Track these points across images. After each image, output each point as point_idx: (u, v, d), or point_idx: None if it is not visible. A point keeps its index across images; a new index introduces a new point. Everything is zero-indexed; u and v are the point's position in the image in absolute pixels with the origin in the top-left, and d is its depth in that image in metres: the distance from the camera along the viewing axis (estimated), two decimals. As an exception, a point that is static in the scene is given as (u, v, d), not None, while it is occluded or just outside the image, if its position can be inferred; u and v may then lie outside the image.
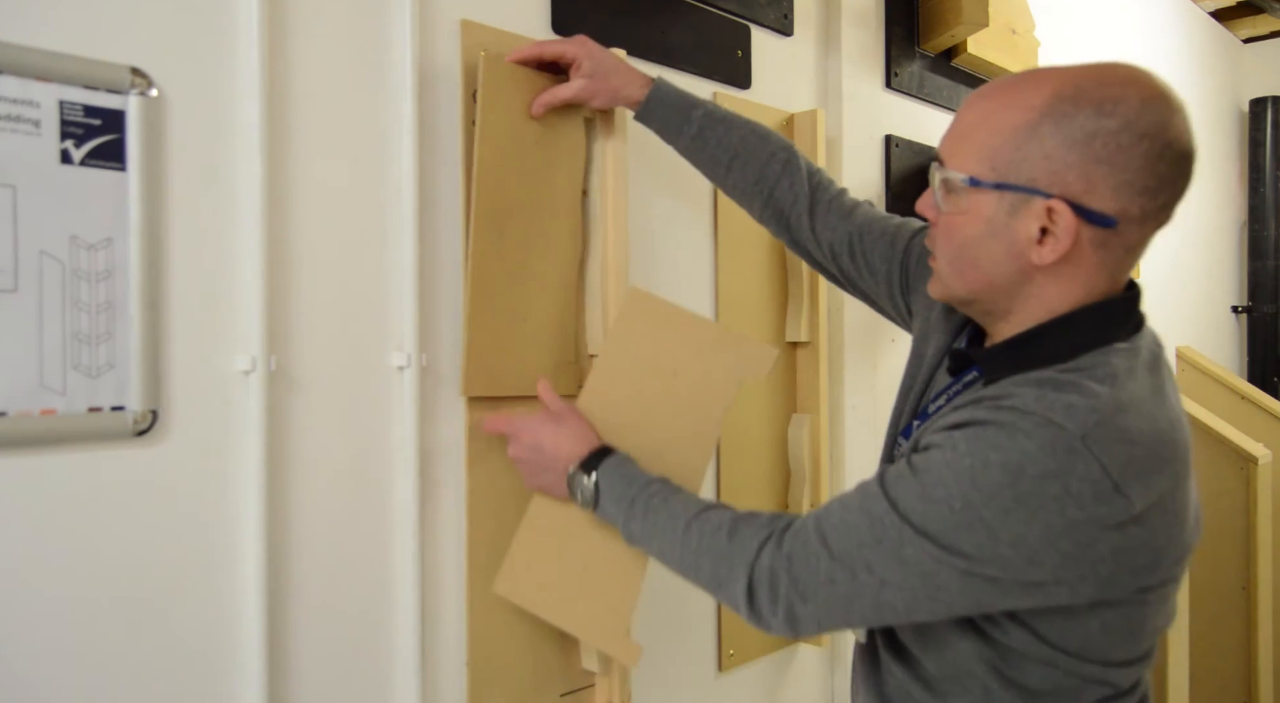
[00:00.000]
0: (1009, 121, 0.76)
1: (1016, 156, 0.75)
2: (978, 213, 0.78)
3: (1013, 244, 0.77)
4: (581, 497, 0.99)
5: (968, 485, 0.72)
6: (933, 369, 0.95)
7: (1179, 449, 0.76)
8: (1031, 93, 0.75)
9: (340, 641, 1.01)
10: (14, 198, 0.79)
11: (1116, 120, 0.73)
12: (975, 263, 0.80)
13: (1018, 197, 0.76)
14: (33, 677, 0.81)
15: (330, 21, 1.00)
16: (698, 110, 1.14)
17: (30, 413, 0.80)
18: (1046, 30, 2.15)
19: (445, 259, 1.10)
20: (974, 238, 0.79)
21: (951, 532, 0.72)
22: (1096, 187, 0.74)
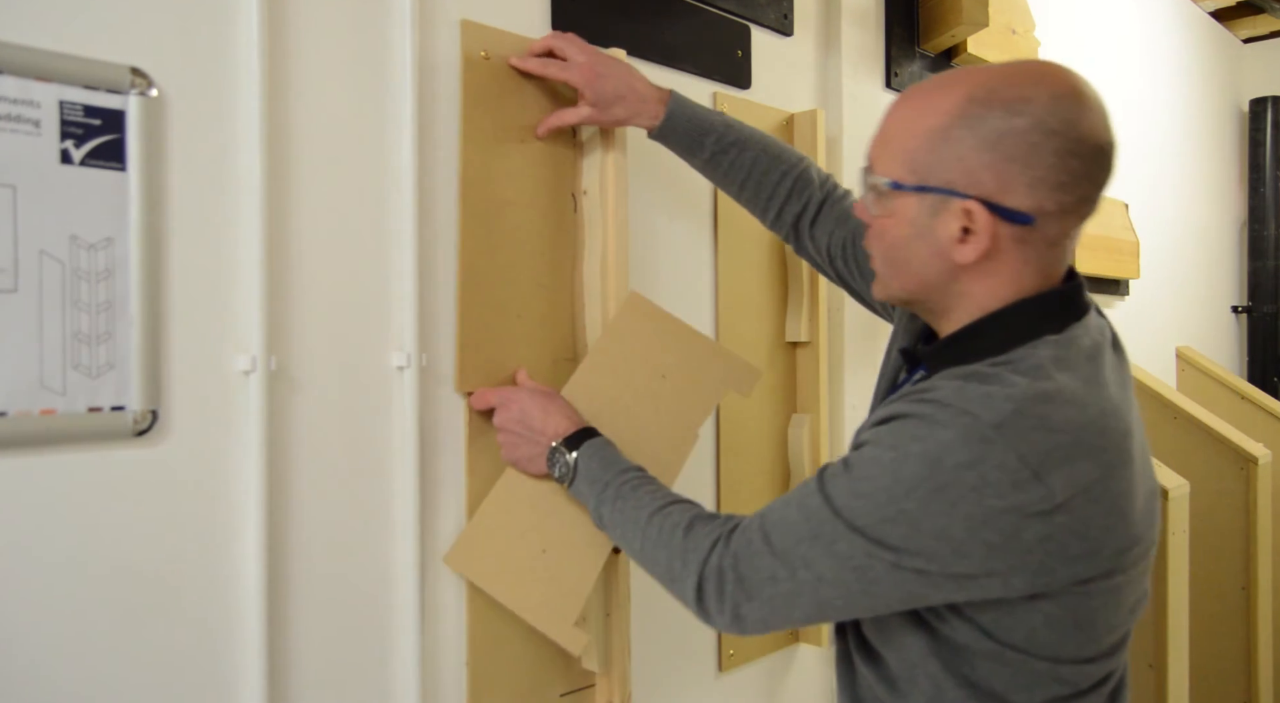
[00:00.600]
0: (924, 125, 0.78)
1: (932, 159, 0.77)
2: (903, 215, 0.81)
3: (936, 244, 0.79)
4: (559, 472, 1.02)
5: (890, 478, 0.74)
6: (896, 368, 0.98)
7: (1110, 437, 0.75)
8: (946, 96, 0.77)
9: (340, 640, 1.01)
10: (14, 198, 0.79)
11: (1026, 119, 0.74)
12: (906, 264, 0.82)
13: (937, 198, 0.78)
14: (33, 677, 0.81)
15: (330, 21, 1.00)
16: (710, 136, 1.15)
17: (30, 413, 0.80)
18: (1046, 30, 2.15)
19: (445, 259, 1.10)
20: (901, 239, 0.81)
21: (878, 525, 0.74)
22: (1011, 185, 0.75)
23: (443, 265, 1.10)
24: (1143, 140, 2.90)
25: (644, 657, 1.33)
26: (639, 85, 1.15)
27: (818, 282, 1.55)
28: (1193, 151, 3.21)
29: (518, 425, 1.05)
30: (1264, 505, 2.32)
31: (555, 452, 1.02)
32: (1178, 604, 1.86)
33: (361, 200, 1.03)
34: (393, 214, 1.05)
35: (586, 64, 1.12)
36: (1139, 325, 2.81)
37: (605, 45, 1.26)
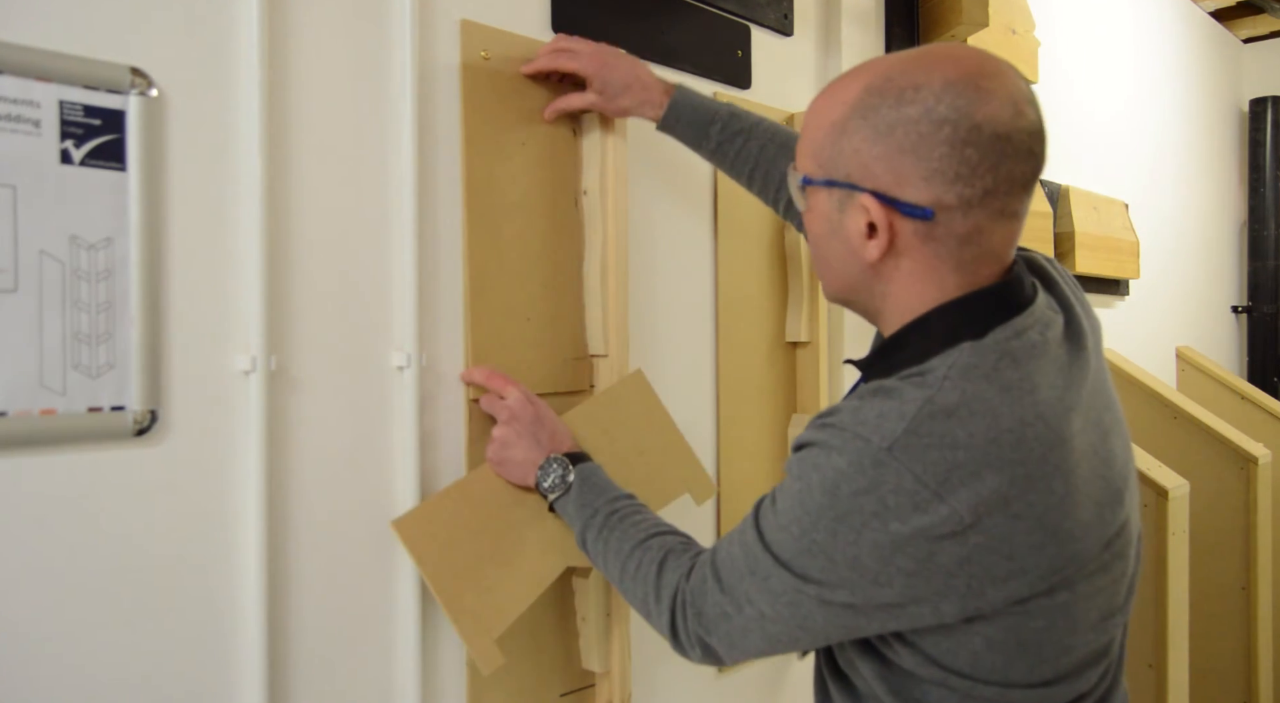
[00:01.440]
0: (829, 117, 0.75)
1: (833, 152, 0.75)
2: (818, 210, 0.78)
3: (848, 241, 0.76)
4: (549, 483, 1.00)
5: (800, 509, 0.72)
6: None
7: (1029, 448, 0.69)
8: (848, 87, 0.75)
9: (340, 640, 1.01)
10: (14, 198, 0.79)
11: (916, 108, 0.70)
12: (827, 262, 0.81)
13: (843, 193, 0.75)
14: (33, 677, 0.81)
15: (330, 22, 1.00)
16: (715, 126, 1.15)
17: (30, 413, 0.80)
18: (1046, 30, 2.15)
19: (445, 259, 1.10)
20: (820, 236, 0.80)
21: (798, 558, 0.72)
22: (906, 178, 0.71)
23: (443, 265, 1.10)
24: (1143, 140, 2.90)
25: (644, 657, 1.33)
26: (645, 76, 1.15)
27: (818, 281, 1.55)
28: (1193, 151, 3.21)
29: (528, 426, 1.03)
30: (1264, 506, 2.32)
31: (553, 464, 1.01)
32: (1177, 604, 1.86)
33: (361, 200, 1.03)
34: (393, 214, 1.05)
35: (594, 53, 1.13)
36: (1139, 325, 2.81)
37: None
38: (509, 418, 1.04)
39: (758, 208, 1.51)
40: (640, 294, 1.33)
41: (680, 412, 1.40)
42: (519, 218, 1.16)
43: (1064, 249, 2.25)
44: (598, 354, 1.22)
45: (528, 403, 1.05)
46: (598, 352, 1.22)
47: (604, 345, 1.21)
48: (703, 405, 1.44)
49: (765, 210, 1.53)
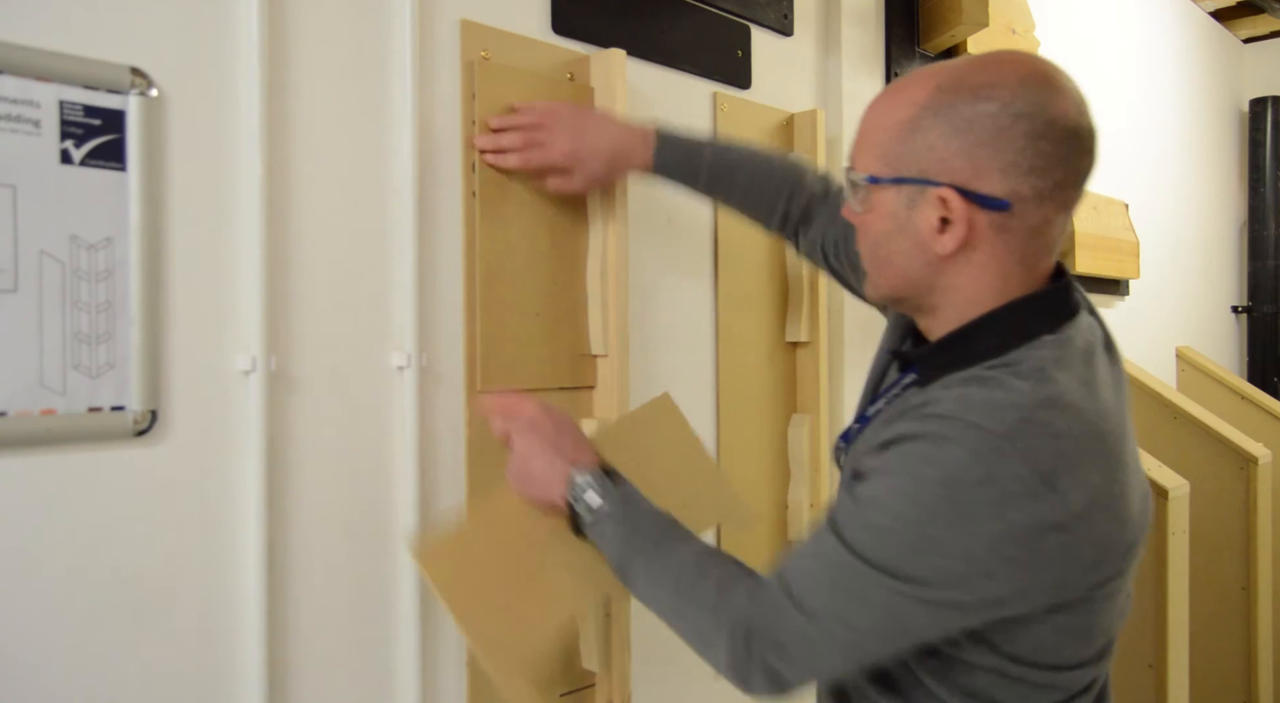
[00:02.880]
0: (895, 118, 0.78)
1: (904, 150, 0.77)
2: (883, 209, 0.80)
3: (917, 236, 0.78)
4: (581, 505, 0.89)
5: (907, 505, 0.71)
6: (883, 368, 0.95)
7: (1109, 442, 0.74)
8: (916, 88, 0.77)
9: (340, 641, 1.01)
10: (14, 198, 0.79)
11: (994, 104, 0.73)
12: (889, 259, 0.81)
13: (913, 189, 0.77)
14: (33, 677, 0.81)
15: (330, 21, 1.00)
16: (702, 162, 1.14)
17: (30, 413, 0.80)
18: (1046, 30, 2.15)
19: (445, 259, 1.10)
20: (884, 234, 0.81)
21: (902, 558, 0.71)
22: (983, 170, 0.74)
23: (443, 265, 1.10)
24: (1143, 140, 2.90)
25: (644, 657, 1.33)
26: (621, 138, 1.12)
27: (818, 282, 1.55)
28: (1193, 151, 3.21)
29: (550, 437, 0.92)
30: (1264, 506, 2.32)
31: (585, 482, 0.89)
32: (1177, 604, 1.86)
33: (361, 200, 1.03)
34: (393, 214, 1.05)
35: (568, 150, 1.10)
36: (1139, 325, 2.81)
37: (605, 45, 1.26)
38: (528, 428, 0.93)
39: (758, 208, 1.51)
40: (640, 294, 1.33)
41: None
42: (528, 214, 1.16)
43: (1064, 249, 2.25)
44: (598, 354, 1.23)
45: (546, 413, 0.94)
46: (598, 351, 1.22)
47: (604, 345, 1.22)
48: (703, 405, 1.44)
49: (765, 210, 1.53)
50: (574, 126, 1.11)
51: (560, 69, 1.21)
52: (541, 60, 1.19)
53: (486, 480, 1.13)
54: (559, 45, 1.23)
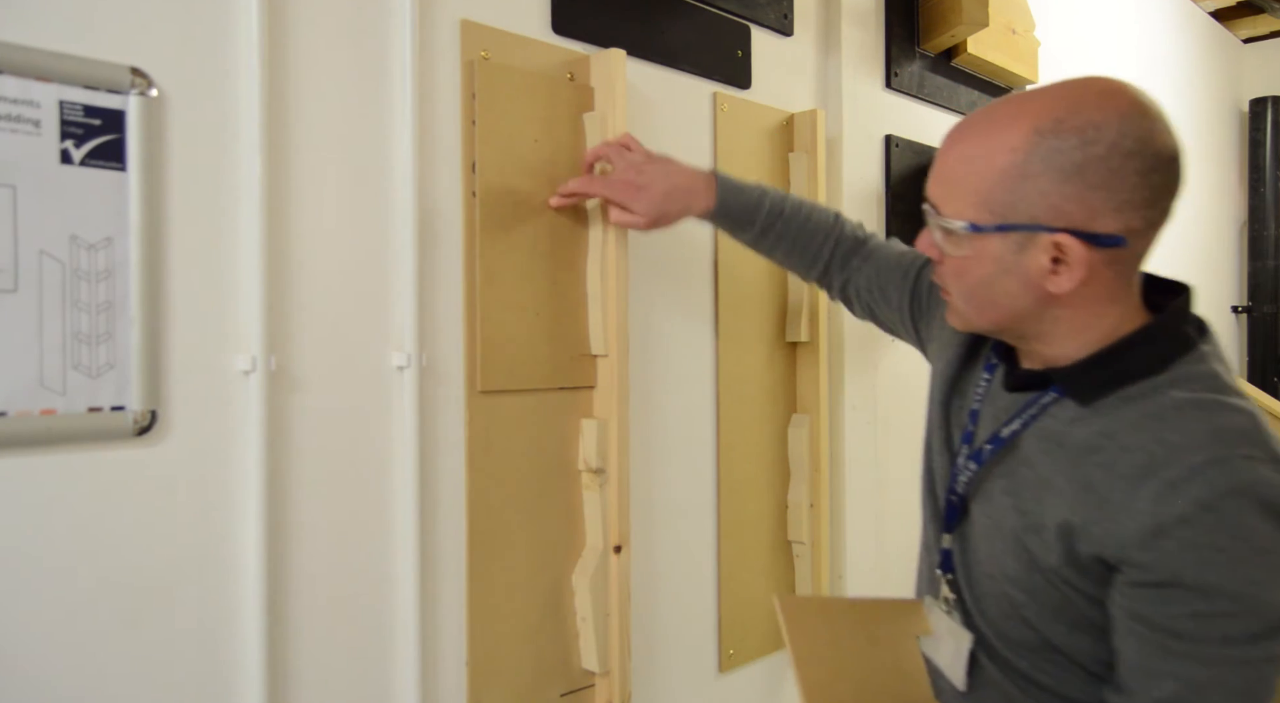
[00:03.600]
0: (995, 165, 0.76)
1: (1012, 199, 0.75)
2: (985, 254, 0.78)
3: (1026, 278, 0.77)
4: None
5: (1251, 554, 0.69)
6: (949, 382, 0.94)
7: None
8: (1010, 131, 0.76)
9: (340, 640, 1.01)
10: (14, 198, 0.79)
11: (1102, 146, 0.73)
12: (992, 301, 0.80)
13: (1023, 235, 0.76)
14: (33, 676, 0.81)
15: (330, 21, 1.00)
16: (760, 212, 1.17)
17: (30, 413, 0.80)
18: (1046, 30, 2.15)
19: (445, 259, 1.10)
20: (986, 277, 0.79)
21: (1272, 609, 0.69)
22: (1098, 212, 0.74)
23: (443, 265, 1.10)
24: (1143, 140, 2.89)
25: (644, 657, 1.33)
26: (681, 180, 1.15)
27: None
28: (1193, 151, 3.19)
29: None
30: (1264, 505, 2.32)
31: None
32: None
33: (361, 200, 1.03)
34: (393, 214, 1.05)
35: (626, 181, 1.14)
36: (1139, 325, 2.80)
37: (605, 45, 1.26)
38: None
39: (758, 208, 1.51)
40: (640, 294, 1.33)
41: (680, 412, 1.40)
42: (529, 213, 1.16)
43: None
44: (598, 354, 1.23)
45: None
46: (598, 351, 1.22)
47: (604, 345, 1.22)
48: (703, 405, 1.44)
49: (765, 210, 1.53)
50: (640, 170, 1.15)
51: (560, 69, 1.21)
52: (541, 60, 1.19)
53: (487, 480, 1.13)
54: (559, 45, 1.23)
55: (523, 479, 1.16)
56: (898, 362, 1.78)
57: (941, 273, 0.84)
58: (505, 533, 1.14)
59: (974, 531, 0.85)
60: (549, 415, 1.19)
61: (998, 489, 0.83)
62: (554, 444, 1.20)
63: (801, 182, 1.55)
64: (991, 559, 0.83)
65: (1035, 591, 0.79)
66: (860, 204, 1.69)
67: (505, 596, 1.14)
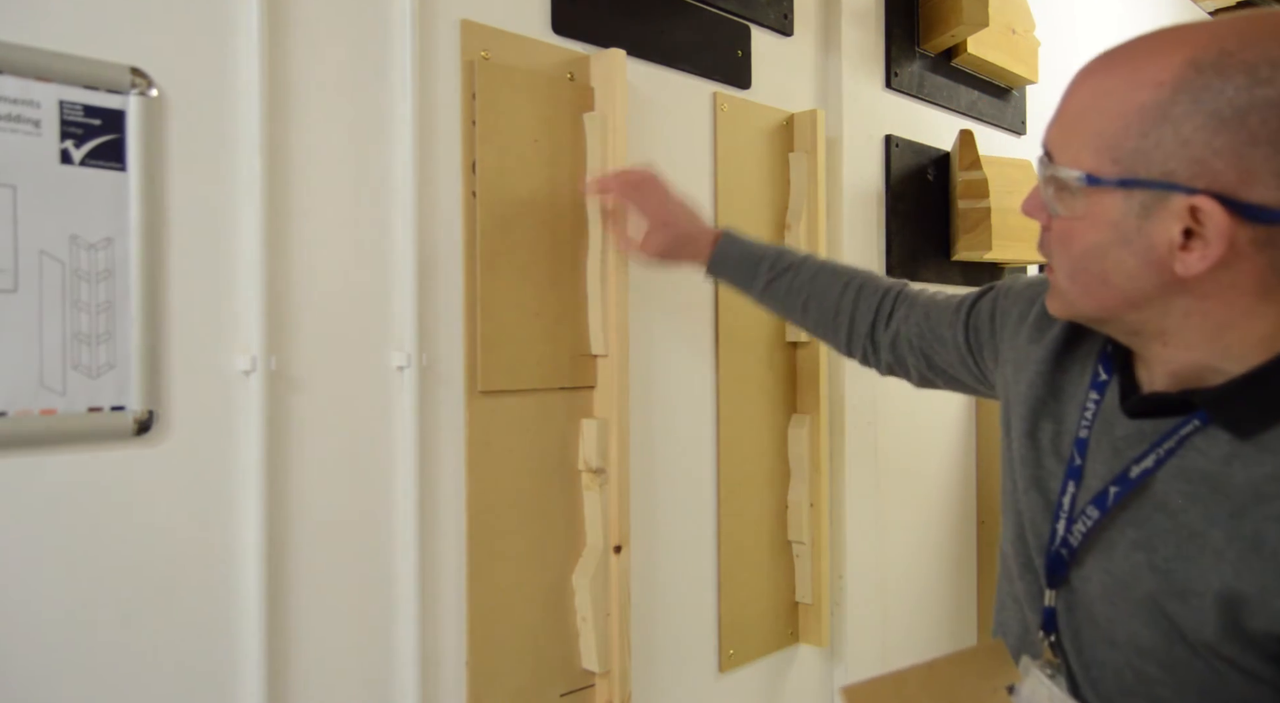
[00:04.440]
0: (1131, 101, 0.61)
1: (1145, 145, 0.61)
2: (1100, 216, 0.64)
3: (1149, 253, 0.62)
4: None
5: None
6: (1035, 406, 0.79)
7: None
8: (1159, 62, 0.61)
9: (340, 641, 1.01)
10: (14, 198, 0.79)
11: (1276, 89, 0.57)
12: (1103, 277, 0.66)
13: (1150, 194, 0.61)
14: (32, 677, 0.81)
15: (330, 21, 1.00)
16: (764, 263, 1.14)
17: (30, 413, 0.80)
18: (1046, 30, 2.15)
19: (445, 259, 1.10)
20: (1098, 246, 0.65)
21: None
22: (1255, 174, 0.58)
23: (443, 265, 1.10)
24: (1143, 140, 2.89)
25: (644, 657, 1.33)
26: (699, 235, 1.16)
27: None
28: (1193, 151, 3.21)
29: None
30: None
31: None
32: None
33: (361, 200, 1.03)
34: (393, 214, 1.05)
35: (661, 209, 1.15)
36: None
37: (605, 45, 1.26)
38: None
39: (757, 209, 1.51)
40: (640, 294, 1.33)
41: (680, 412, 1.40)
42: (529, 213, 1.17)
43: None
44: (598, 354, 1.23)
45: None
46: (598, 351, 1.22)
47: (604, 345, 1.22)
48: (703, 405, 1.44)
49: (765, 211, 1.53)
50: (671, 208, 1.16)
51: (560, 69, 1.21)
52: (541, 60, 1.19)
53: (487, 480, 1.13)
54: (559, 45, 1.23)
55: (523, 479, 1.16)
56: (898, 362, 1.78)
57: (1045, 241, 0.70)
58: (505, 533, 1.14)
59: (1089, 588, 0.71)
60: (549, 415, 1.19)
61: (1124, 541, 0.68)
62: (554, 444, 1.20)
63: (801, 182, 1.55)
64: (1115, 625, 0.69)
65: (1176, 666, 0.65)
66: (860, 204, 1.69)
67: (505, 596, 1.14)
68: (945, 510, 1.96)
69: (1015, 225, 1.86)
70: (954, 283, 1.92)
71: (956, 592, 2.00)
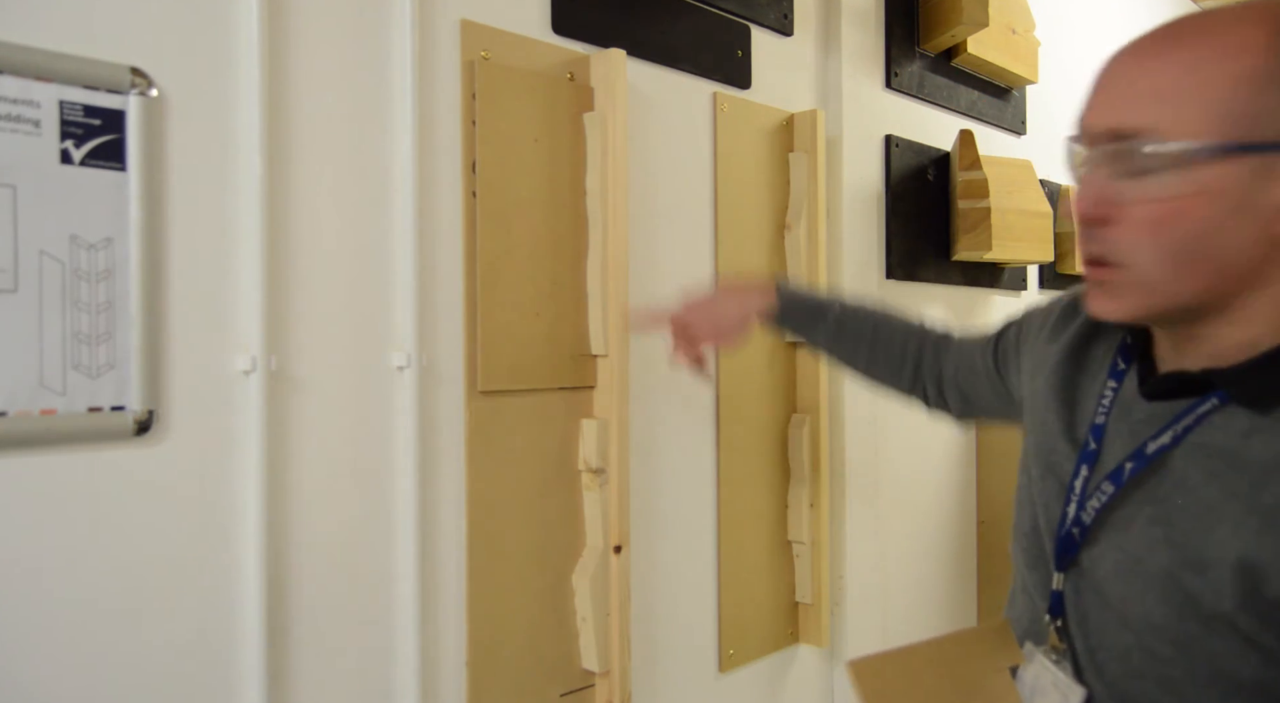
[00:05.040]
0: (1233, 68, 0.61)
1: (1256, 107, 0.60)
2: (1211, 188, 0.62)
3: (1265, 217, 0.62)
4: None
5: None
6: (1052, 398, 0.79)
7: None
8: (1244, 32, 0.61)
9: (340, 640, 1.01)
10: (14, 198, 0.79)
11: None
12: (1208, 254, 0.63)
13: (1264, 159, 0.61)
14: (33, 676, 0.81)
15: (330, 22, 1.01)
16: (832, 308, 1.11)
17: (30, 413, 0.80)
18: (1046, 30, 2.15)
19: (445, 259, 1.10)
20: (1210, 221, 0.62)
21: None
22: None
23: (443, 265, 1.10)
24: (1143, 140, 2.89)
25: (644, 657, 1.33)
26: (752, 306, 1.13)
27: (818, 282, 1.55)
28: (1193, 151, 3.21)
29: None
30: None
31: None
32: None
33: (361, 200, 1.03)
34: (393, 214, 1.05)
35: (712, 330, 1.14)
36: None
37: (605, 45, 1.26)
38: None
39: (757, 209, 1.51)
40: (640, 294, 1.33)
41: (681, 412, 1.40)
42: (529, 213, 1.17)
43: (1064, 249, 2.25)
44: (598, 354, 1.23)
45: None
46: (598, 351, 1.22)
47: (604, 345, 1.22)
48: (703, 406, 1.44)
49: (765, 211, 1.53)
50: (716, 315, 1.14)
51: (560, 69, 1.21)
52: (541, 60, 1.19)
53: (487, 480, 1.13)
54: (559, 45, 1.23)
55: (523, 479, 1.16)
56: (898, 362, 1.78)
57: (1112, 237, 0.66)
58: (505, 533, 1.15)
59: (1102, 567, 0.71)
60: (549, 415, 1.19)
61: (1141, 517, 0.68)
62: (554, 444, 1.20)
63: (802, 182, 1.55)
64: (1128, 603, 0.68)
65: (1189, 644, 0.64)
66: (860, 204, 1.69)
67: (505, 596, 1.14)
68: (945, 510, 1.96)
69: (1015, 225, 1.86)
70: (954, 282, 1.92)
71: (956, 592, 2.00)
